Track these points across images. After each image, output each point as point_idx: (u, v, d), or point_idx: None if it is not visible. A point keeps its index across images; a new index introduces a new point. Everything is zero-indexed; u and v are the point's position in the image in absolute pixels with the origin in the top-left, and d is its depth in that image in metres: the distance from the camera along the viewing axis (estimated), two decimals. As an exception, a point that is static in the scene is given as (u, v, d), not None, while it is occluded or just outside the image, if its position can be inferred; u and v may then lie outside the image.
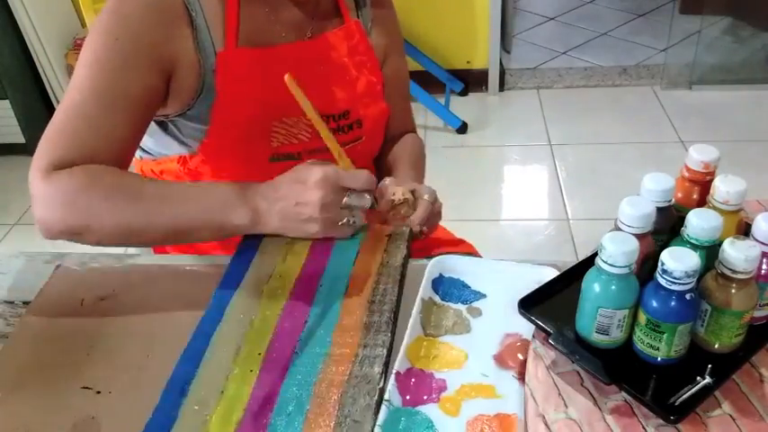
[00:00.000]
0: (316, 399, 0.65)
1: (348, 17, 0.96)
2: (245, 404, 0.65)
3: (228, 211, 0.77)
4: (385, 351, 0.70)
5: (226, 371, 0.69)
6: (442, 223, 1.13)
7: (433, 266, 0.81)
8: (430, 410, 0.65)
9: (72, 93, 0.80)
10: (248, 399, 0.66)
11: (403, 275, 0.81)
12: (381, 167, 1.08)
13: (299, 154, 0.94)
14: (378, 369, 0.67)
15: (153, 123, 0.93)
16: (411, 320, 0.73)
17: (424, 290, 0.78)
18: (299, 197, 0.75)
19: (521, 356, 0.70)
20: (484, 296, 0.79)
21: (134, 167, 1.03)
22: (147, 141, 0.97)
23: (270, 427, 0.63)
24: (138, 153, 1.00)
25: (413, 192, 0.89)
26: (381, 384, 0.66)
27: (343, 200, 0.77)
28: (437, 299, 0.79)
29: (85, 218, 0.75)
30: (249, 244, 0.86)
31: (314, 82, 0.92)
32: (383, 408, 0.64)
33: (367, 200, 0.80)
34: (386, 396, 0.65)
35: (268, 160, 0.92)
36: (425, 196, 0.89)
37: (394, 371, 0.68)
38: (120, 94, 0.80)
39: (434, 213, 0.90)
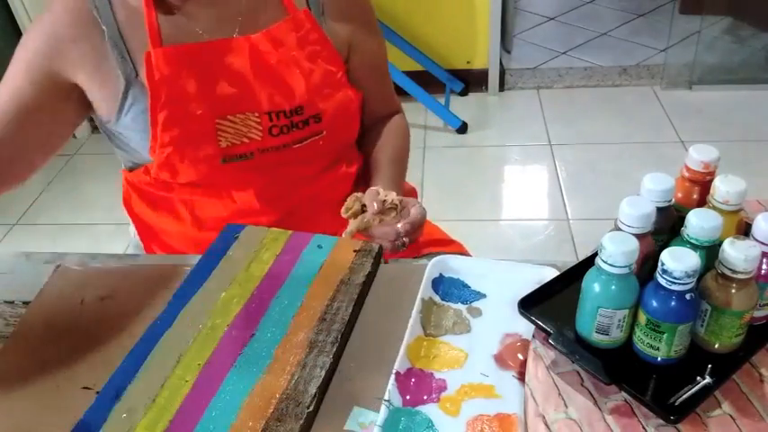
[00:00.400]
0: (242, 416, 0.64)
1: (294, 8, 0.93)
2: (171, 415, 0.65)
3: None
4: (323, 374, 0.68)
5: (162, 379, 0.69)
6: (436, 222, 1.13)
7: (433, 266, 0.81)
8: (430, 410, 0.65)
9: None
10: (176, 410, 0.65)
11: (363, 294, 0.80)
12: (365, 154, 1.06)
13: (252, 153, 0.92)
14: (311, 391, 0.66)
15: (113, 141, 0.97)
16: (411, 320, 0.73)
17: (424, 290, 0.78)
18: None
19: (521, 356, 0.70)
20: (484, 296, 0.79)
21: (121, 179, 1.05)
22: (122, 157, 1.00)
23: None
24: (123, 163, 1.03)
25: (401, 201, 0.88)
26: (311, 408, 0.65)
27: None
28: (437, 299, 0.79)
29: None
30: (215, 249, 0.86)
31: (255, 78, 0.90)
32: (383, 408, 0.64)
33: None
34: (386, 396, 0.65)
35: (220, 162, 0.91)
36: (413, 207, 0.88)
37: (394, 371, 0.68)
38: (14, 105, 0.86)
39: (419, 226, 0.89)
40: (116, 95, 0.89)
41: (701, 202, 0.71)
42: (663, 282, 0.58)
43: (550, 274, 0.77)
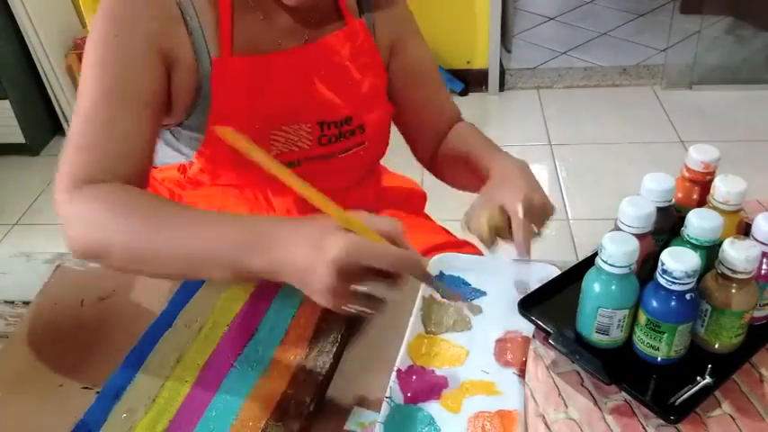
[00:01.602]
0: (242, 416, 0.64)
1: (351, 18, 0.93)
2: (171, 416, 0.65)
3: (243, 252, 0.63)
4: (323, 374, 0.68)
5: (162, 379, 0.69)
6: (446, 225, 1.13)
7: (434, 264, 0.81)
8: (431, 407, 0.66)
9: (81, 101, 0.77)
10: (176, 411, 0.65)
11: None
12: (443, 164, 1.02)
13: (299, 161, 0.92)
14: (311, 391, 0.66)
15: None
16: (412, 318, 0.73)
17: (425, 287, 0.78)
18: (310, 267, 0.60)
19: (521, 354, 0.70)
20: (484, 293, 0.79)
21: None
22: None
23: None
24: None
25: (501, 207, 0.77)
26: (311, 408, 0.65)
27: (358, 287, 0.59)
28: (438, 296, 0.79)
29: (101, 238, 0.70)
30: None
31: (313, 88, 0.90)
32: (384, 405, 0.64)
33: (395, 293, 0.60)
34: (387, 393, 0.65)
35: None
36: (518, 208, 0.76)
37: (395, 368, 0.68)
38: (127, 92, 0.77)
39: (536, 216, 0.78)
40: (189, 93, 0.84)
41: (701, 202, 0.71)
42: (663, 282, 0.58)
43: (552, 271, 0.77)
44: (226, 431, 0.63)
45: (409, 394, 0.67)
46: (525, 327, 0.72)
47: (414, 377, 0.69)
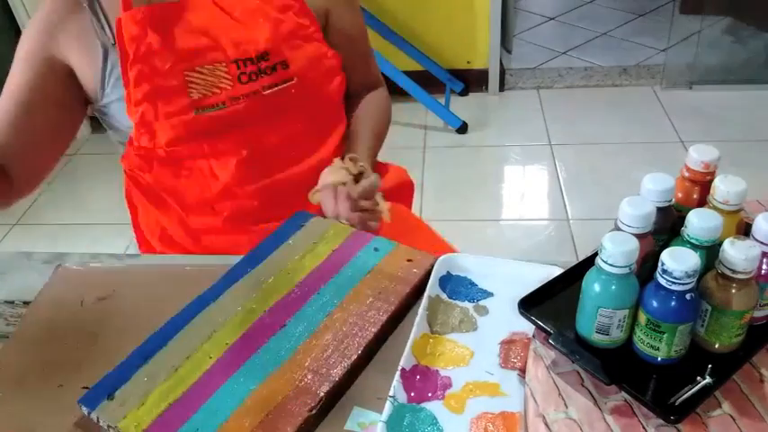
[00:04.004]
0: (247, 405, 0.65)
1: None
2: (186, 387, 0.66)
3: None
4: (336, 378, 0.67)
5: (189, 350, 0.70)
6: (436, 223, 1.14)
7: (441, 264, 0.81)
8: (434, 407, 0.66)
9: None
10: (191, 384, 0.67)
11: (405, 306, 0.77)
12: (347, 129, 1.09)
13: (224, 103, 0.94)
14: (320, 393, 0.66)
15: (106, 123, 1.00)
16: (417, 317, 0.74)
17: (431, 287, 0.78)
18: None
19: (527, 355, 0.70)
20: (491, 294, 0.79)
21: (121, 178, 1.06)
22: (116, 139, 1.03)
23: (190, 420, 0.64)
24: (119, 151, 1.03)
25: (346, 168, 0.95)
26: (314, 411, 0.65)
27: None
28: (444, 296, 0.79)
29: None
30: (278, 235, 0.88)
31: (224, 29, 0.92)
32: (387, 404, 0.64)
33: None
34: (390, 392, 0.65)
35: (193, 114, 0.93)
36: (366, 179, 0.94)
37: (399, 367, 0.68)
38: (20, 100, 0.91)
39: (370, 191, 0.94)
40: (98, 66, 0.93)
41: (701, 202, 0.71)
42: (663, 282, 0.58)
43: (552, 271, 0.77)
44: (228, 414, 0.64)
45: (412, 394, 0.67)
46: (531, 328, 0.72)
47: (418, 377, 0.69)
